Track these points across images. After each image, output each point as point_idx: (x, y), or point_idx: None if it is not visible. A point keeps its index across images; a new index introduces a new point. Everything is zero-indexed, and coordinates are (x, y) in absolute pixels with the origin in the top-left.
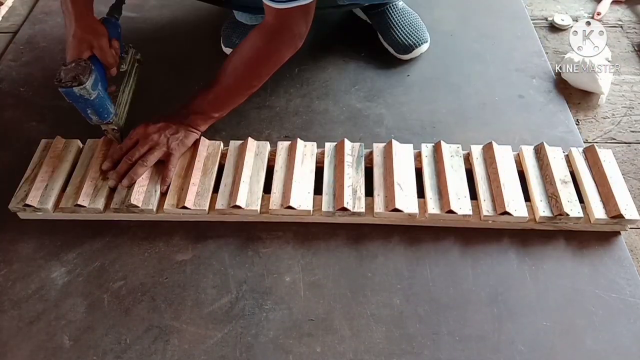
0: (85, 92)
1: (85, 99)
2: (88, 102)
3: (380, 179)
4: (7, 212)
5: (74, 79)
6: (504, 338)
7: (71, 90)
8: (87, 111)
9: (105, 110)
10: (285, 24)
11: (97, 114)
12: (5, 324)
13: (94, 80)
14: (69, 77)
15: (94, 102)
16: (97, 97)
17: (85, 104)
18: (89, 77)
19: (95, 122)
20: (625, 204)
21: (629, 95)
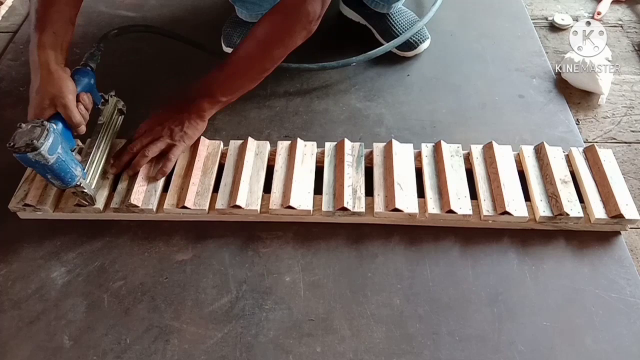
0: (41, 158)
1: (42, 164)
2: (46, 167)
3: (380, 178)
4: (7, 212)
5: (27, 145)
6: (504, 338)
7: (25, 156)
8: (47, 176)
9: (67, 174)
10: (301, 3)
11: (58, 178)
12: (5, 324)
13: (51, 143)
14: (22, 142)
15: (53, 167)
16: (56, 161)
17: (44, 169)
18: (45, 140)
19: (58, 186)
20: (625, 204)
21: (629, 95)
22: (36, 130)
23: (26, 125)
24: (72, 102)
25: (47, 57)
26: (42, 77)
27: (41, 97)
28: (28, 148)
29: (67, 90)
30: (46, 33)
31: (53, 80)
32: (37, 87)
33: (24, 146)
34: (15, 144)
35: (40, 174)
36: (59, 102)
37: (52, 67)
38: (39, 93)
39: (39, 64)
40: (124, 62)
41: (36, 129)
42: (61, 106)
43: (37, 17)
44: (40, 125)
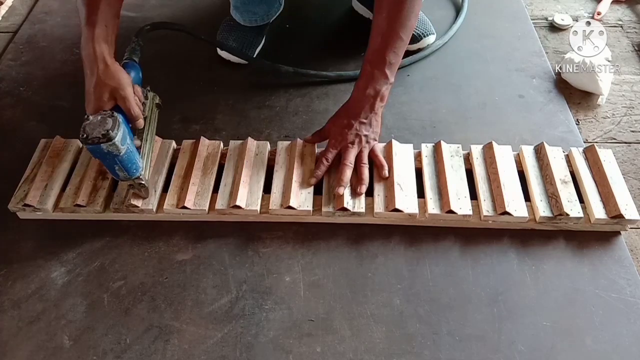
0: (114, 149)
1: (113, 155)
2: (117, 158)
3: (380, 178)
4: (7, 212)
5: (103, 136)
6: (504, 338)
7: (98, 147)
8: (115, 168)
9: (133, 164)
10: None
11: (125, 169)
12: (5, 324)
13: (122, 134)
14: (97, 133)
15: (123, 157)
16: (126, 152)
17: (114, 160)
18: (118, 131)
19: (123, 178)
20: (625, 204)
21: (629, 95)
22: (108, 121)
23: (94, 117)
24: (132, 94)
25: (102, 51)
26: (99, 70)
27: (101, 90)
28: (103, 139)
29: (125, 82)
30: (99, 26)
31: (111, 73)
32: (95, 81)
33: (98, 137)
34: (89, 136)
35: (108, 165)
36: (118, 95)
37: (108, 60)
38: (98, 86)
39: (94, 57)
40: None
41: (107, 119)
42: (121, 99)
43: (87, 11)
44: (111, 117)
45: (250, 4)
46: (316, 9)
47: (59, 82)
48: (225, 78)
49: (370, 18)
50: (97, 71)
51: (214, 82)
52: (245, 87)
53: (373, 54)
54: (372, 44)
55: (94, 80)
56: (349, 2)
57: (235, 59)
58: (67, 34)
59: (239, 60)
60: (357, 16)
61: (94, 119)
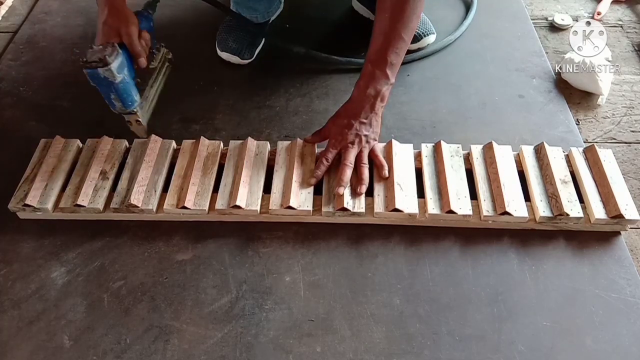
0: (109, 74)
1: (109, 81)
2: (112, 85)
3: (380, 178)
4: (7, 212)
5: (100, 60)
6: (504, 338)
7: (95, 72)
8: (111, 96)
9: (129, 97)
10: None
11: (120, 99)
12: (5, 324)
13: (119, 63)
14: (95, 58)
15: (118, 86)
16: (121, 81)
17: (109, 87)
18: (115, 59)
19: (119, 109)
20: (625, 204)
21: (629, 95)
22: (107, 49)
23: (97, 47)
24: (135, 33)
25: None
26: (109, 11)
27: (108, 26)
28: (100, 63)
29: (130, 22)
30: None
31: (119, 13)
32: (104, 19)
33: (96, 61)
34: (88, 59)
35: (104, 93)
36: (123, 31)
37: (117, 3)
38: (106, 24)
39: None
40: None
41: (107, 48)
42: (125, 35)
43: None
44: (111, 46)
45: (251, 0)
46: (316, 9)
47: (59, 82)
48: (225, 78)
49: (370, 18)
50: (107, 9)
51: (214, 82)
52: (245, 87)
53: (374, 53)
54: (373, 44)
55: (103, 17)
56: (349, 2)
57: (235, 59)
58: (67, 34)
59: (238, 61)
60: (357, 16)
61: (96, 47)
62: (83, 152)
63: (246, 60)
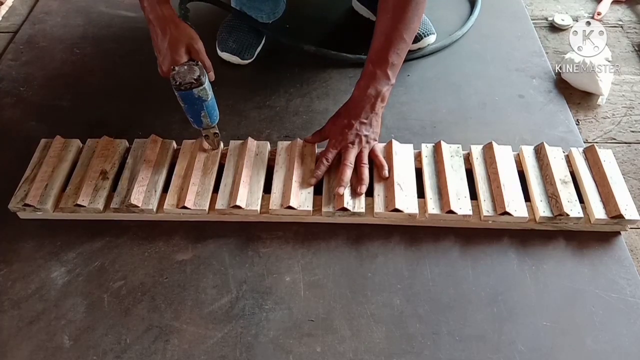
0: (204, 94)
1: (202, 100)
2: (205, 103)
3: (380, 178)
4: (7, 212)
5: (196, 80)
6: (504, 338)
7: (191, 93)
8: (201, 114)
9: (215, 112)
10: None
11: (209, 116)
12: (5, 324)
13: (208, 80)
14: (189, 79)
15: (209, 103)
16: (212, 98)
17: (202, 106)
18: (205, 78)
19: (205, 125)
20: (625, 204)
21: (629, 95)
22: (195, 69)
23: (180, 67)
24: (203, 47)
25: (170, 11)
26: (171, 28)
27: (176, 45)
28: (196, 83)
29: (197, 37)
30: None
31: (183, 30)
32: (169, 38)
33: (191, 82)
34: (181, 82)
35: (194, 112)
36: (193, 49)
37: (176, 19)
38: (173, 42)
39: (164, 18)
40: (125, 62)
41: (194, 68)
42: (195, 52)
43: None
44: (196, 65)
45: (257, 1)
46: (316, 9)
47: (59, 82)
48: (225, 78)
49: (371, 18)
50: (170, 29)
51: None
52: (245, 87)
53: (376, 54)
54: (375, 44)
55: (167, 37)
56: (349, 2)
57: (235, 59)
58: (67, 34)
59: (239, 61)
60: (357, 16)
61: (180, 68)
62: (83, 152)
63: (246, 61)
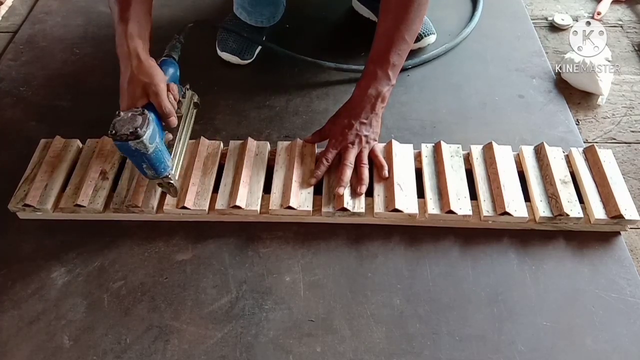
0: (142, 147)
1: (141, 153)
2: (144, 156)
3: (380, 179)
4: (7, 212)
5: (131, 133)
6: (504, 338)
7: (126, 144)
8: (143, 166)
9: (162, 164)
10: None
11: (153, 168)
12: (5, 324)
13: (151, 132)
14: (125, 130)
15: (151, 156)
16: (154, 150)
17: (141, 158)
18: (147, 129)
19: (151, 176)
20: (625, 204)
21: (629, 95)
22: (137, 118)
23: (125, 114)
24: (164, 90)
25: (136, 46)
26: (133, 66)
27: (134, 86)
28: (132, 136)
29: (158, 78)
30: (131, 23)
31: (144, 69)
32: (128, 77)
33: (127, 134)
34: (117, 132)
35: (136, 163)
36: (151, 91)
37: (142, 56)
38: (132, 82)
39: (128, 53)
40: None
41: (137, 117)
42: (153, 95)
43: (119, 9)
44: (141, 114)
45: (259, 5)
46: (316, 9)
47: (59, 82)
48: (225, 78)
49: (371, 18)
50: (131, 67)
51: (214, 82)
52: (245, 87)
53: (377, 54)
54: (376, 45)
55: (127, 75)
56: (349, 2)
57: (235, 59)
58: (67, 34)
59: (239, 61)
60: (357, 16)
61: (124, 115)
62: (83, 152)
63: (246, 61)
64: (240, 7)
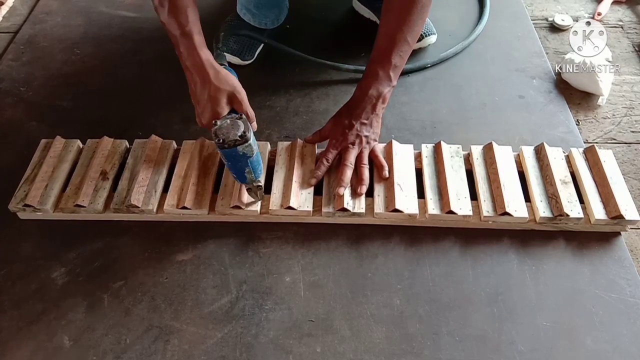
0: (249, 150)
1: (247, 157)
2: (249, 160)
3: (380, 179)
4: (7, 212)
5: (241, 137)
6: (504, 338)
7: (235, 150)
8: (245, 170)
9: (260, 166)
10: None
11: (254, 171)
12: (5, 324)
13: (252, 134)
14: (232, 136)
15: (254, 159)
16: (256, 153)
17: (246, 162)
18: (250, 133)
19: (249, 181)
20: (625, 205)
21: (629, 96)
22: (239, 124)
23: (223, 122)
24: (246, 97)
25: (208, 57)
26: (211, 76)
27: (217, 96)
28: (241, 140)
29: (239, 86)
30: (196, 34)
31: (223, 78)
32: (209, 88)
33: (234, 140)
34: (225, 140)
35: (238, 169)
36: (235, 99)
37: (216, 66)
38: (214, 93)
39: (202, 64)
40: (125, 62)
41: (238, 122)
42: (237, 102)
43: (179, 22)
44: (240, 119)
45: (264, 8)
46: (316, 9)
47: (59, 82)
48: None
49: (371, 18)
50: (210, 78)
51: None
52: (245, 87)
53: (379, 54)
54: (378, 45)
55: (207, 87)
56: (349, 2)
57: (236, 59)
58: (68, 34)
59: (239, 62)
60: (357, 16)
61: (222, 123)
62: (83, 153)
63: (247, 61)
64: (245, 8)
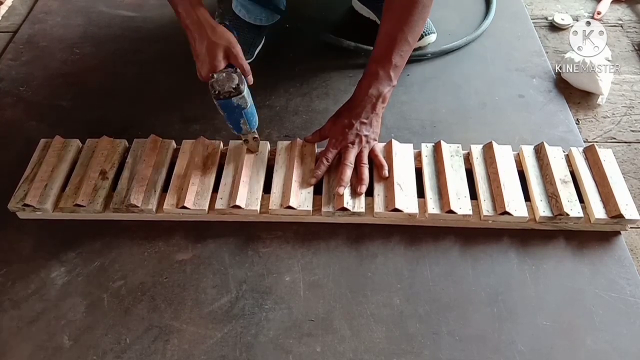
0: (242, 102)
1: (241, 108)
2: (244, 111)
3: (380, 178)
4: (7, 212)
5: (234, 89)
6: (504, 338)
7: (230, 101)
8: (240, 121)
9: (254, 116)
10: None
11: (248, 122)
12: (5, 324)
13: (246, 87)
14: (227, 88)
15: (248, 110)
16: (250, 105)
17: (240, 114)
18: (244, 85)
19: (245, 131)
20: (625, 204)
21: (629, 95)
22: (234, 76)
23: (219, 75)
24: (241, 51)
25: (205, 15)
26: (208, 33)
27: (214, 50)
28: (235, 92)
29: (234, 41)
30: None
31: (219, 34)
32: (207, 43)
33: (230, 91)
34: (220, 91)
35: (234, 120)
36: (231, 53)
37: (212, 22)
38: (211, 47)
39: (199, 22)
40: (125, 62)
41: (233, 75)
42: (233, 56)
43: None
44: (235, 72)
45: (259, 3)
46: (316, 9)
47: (59, 82)
48: None
49: (371, 17)
50: (207, 34)
51: None
52: None
53: (379, 54)
54: (379, 45)
55: (205, 42)
56: (349, 2)
57: None
58: (67, 33)
59: None
60: (357, 16)
61: (219, 76)
62: (83, 152)
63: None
64: (240, 4)
